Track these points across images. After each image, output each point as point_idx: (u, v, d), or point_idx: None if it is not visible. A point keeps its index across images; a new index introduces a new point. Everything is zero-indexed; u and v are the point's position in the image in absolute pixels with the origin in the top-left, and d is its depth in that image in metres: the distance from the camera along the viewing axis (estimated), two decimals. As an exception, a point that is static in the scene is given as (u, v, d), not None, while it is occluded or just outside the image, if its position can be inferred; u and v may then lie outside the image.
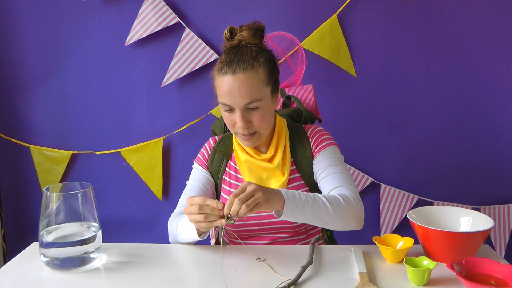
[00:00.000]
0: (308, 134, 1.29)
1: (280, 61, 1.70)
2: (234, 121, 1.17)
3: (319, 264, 1.04)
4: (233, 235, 1.27)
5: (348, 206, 1.10)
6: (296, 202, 1.04)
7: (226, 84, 1.14)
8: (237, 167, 1.29)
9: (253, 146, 1.24)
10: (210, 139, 1.36)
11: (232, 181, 1.29)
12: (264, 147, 1.27)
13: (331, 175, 1.19)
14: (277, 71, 1.22)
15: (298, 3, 1.87)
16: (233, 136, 1.29)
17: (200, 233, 1.09)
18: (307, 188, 1.25)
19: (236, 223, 1.15)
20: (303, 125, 1.33)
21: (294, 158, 1.27)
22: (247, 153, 1.26)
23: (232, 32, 1.20)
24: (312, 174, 1.25)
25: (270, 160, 1.25)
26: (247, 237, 1.26)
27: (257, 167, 1.24)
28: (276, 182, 1.23)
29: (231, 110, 1.16)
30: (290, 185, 1.24)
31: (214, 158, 1.31)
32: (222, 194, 1.29)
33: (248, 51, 1.16)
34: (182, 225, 1.14)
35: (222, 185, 1.29)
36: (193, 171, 1.33)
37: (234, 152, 1.29)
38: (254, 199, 0.97)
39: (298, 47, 1.72)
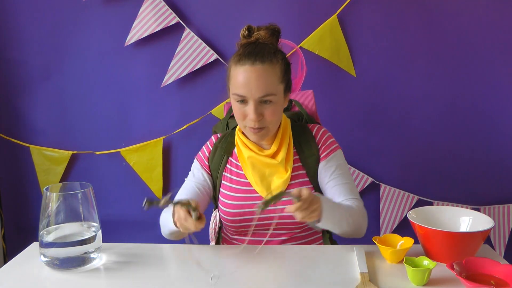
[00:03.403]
0: (314, 134, 1.30)
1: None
2: (245, 113, 1.18)
3: (319, 264, 1.04)
4: (232, 231, 1.27)
5: (361, 218, 1.20)
6: (333, 212, 1.10)
7: (243, 75, 1.15)
8: (239, 164, 1.29)
9: (259, 141, 1.25)
10: (212, 136, 1.37)
11: (233, 177, 1.29)
12: (268, 144, 1.27)
13: (340, 185, 1.24)
14: (290, 72, 1.24)
15: (298, 3, 1.87)
16: (236, 133, 1.29)
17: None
18: (311, 186, 1.26)
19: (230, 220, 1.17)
20: (307, 124, 1.34)
21: (301, 155, 1.28)
22: (250, 149, 1.26)
23: (250, 30, 1.22)
24: (316, 172, 1.27)
25: (273, 156, 1.25)
26: (245, 235, 1.26)
27: (260, 163, 1.25)
28: (279, 178, 1.24)
29: (243, 101, 1.17)
30: (293, 182, 1.25)
31: (215, 154, 1.31)
32: (222, 190, 1.29)
33: (266, 47, 1.19)
34: (165, 219, 1.20)
35: (223, 181, 1.30)
36: (193, 169, 1.33)
37: (236, 148, 1.29)
38: (312, 209, 1.03)
39: (300, 57, 1.72)
